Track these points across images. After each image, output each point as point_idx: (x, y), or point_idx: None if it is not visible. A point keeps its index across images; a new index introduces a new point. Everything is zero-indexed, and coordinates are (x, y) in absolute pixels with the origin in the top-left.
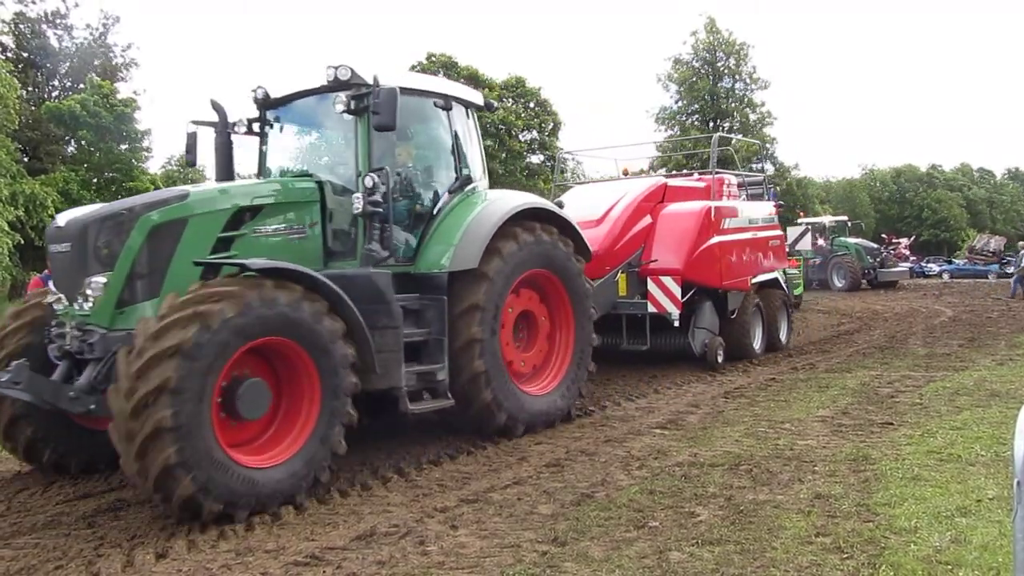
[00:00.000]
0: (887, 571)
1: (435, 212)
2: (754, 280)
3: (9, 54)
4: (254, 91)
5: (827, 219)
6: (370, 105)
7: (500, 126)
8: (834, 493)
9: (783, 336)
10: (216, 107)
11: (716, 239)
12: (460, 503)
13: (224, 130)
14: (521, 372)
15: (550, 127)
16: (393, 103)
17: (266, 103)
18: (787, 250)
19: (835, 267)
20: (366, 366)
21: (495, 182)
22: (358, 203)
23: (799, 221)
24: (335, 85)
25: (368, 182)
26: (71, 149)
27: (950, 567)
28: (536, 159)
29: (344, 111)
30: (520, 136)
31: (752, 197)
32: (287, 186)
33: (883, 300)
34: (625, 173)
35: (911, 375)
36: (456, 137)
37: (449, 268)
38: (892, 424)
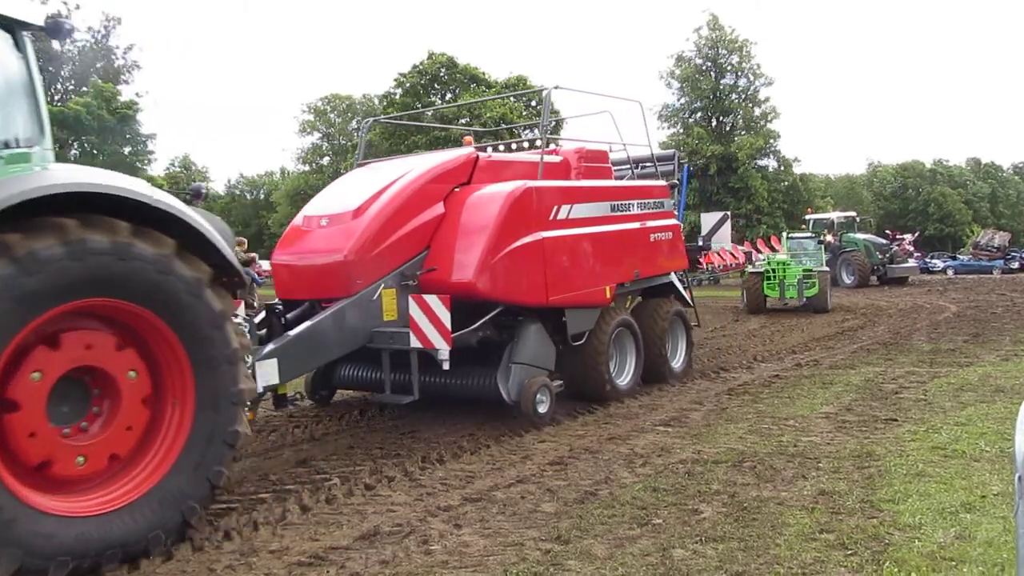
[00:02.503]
0: (891, 567)
1: None
2: (623, 290)
3: None
4: None
5: (835, 215)
6: None
7: (501, 123)
8: (838, 490)
9: (676, 362)
10: None
11: (541, 235)
12: (464, 502)
13: None
14: (57, 469)
15: (552, 124)
16: None
17: None
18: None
19: (843, 263)
20: None
21: None
22: None
23: (807, 217)
24: None
25: None
26: (74, 152)
27: (954, 563)
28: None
29: None
30: (522, 133)
31: (647, 178)
32: None
33: (887, 296)
34: (468, 144)
35: (915, 371)
36: None
37: None
38: (896, 420)
